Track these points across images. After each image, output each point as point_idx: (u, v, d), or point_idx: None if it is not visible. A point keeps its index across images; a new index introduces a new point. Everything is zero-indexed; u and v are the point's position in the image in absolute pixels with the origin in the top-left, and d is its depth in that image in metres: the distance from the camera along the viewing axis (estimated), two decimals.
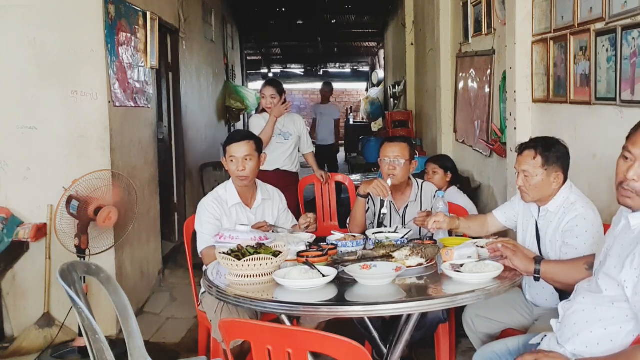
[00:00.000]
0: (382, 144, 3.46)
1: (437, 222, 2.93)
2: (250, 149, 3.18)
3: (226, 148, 3.21)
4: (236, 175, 3.18)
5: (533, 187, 2.66)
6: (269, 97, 4.78)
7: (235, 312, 2.81)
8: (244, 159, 3.15)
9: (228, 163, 3.21)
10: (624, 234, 1.97)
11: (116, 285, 2.43)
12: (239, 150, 3.17)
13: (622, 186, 1.86)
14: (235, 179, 3.22)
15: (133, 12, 4.56)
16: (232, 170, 3.20)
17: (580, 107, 3.40)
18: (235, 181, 3.23)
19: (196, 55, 7.45)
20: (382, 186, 3.25)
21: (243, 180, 3.18)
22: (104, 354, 2.12)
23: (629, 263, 1.85)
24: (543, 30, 3.84)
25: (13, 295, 4.01)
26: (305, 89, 21.71)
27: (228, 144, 3.21)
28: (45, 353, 3.76)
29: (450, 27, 6.64)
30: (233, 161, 3.17)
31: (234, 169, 3.17)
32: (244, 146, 3.18)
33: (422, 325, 2.99)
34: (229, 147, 3.20)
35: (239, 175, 3.17)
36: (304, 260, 2.54)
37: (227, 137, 3.33)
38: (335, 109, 9.02)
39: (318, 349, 1.76)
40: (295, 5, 12.55)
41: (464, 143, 6.07)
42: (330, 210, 5.11)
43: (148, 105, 4.92)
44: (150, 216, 4.93)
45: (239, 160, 3.15)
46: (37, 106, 3.94)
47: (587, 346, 2.00)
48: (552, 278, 2.44)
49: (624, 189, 1.85)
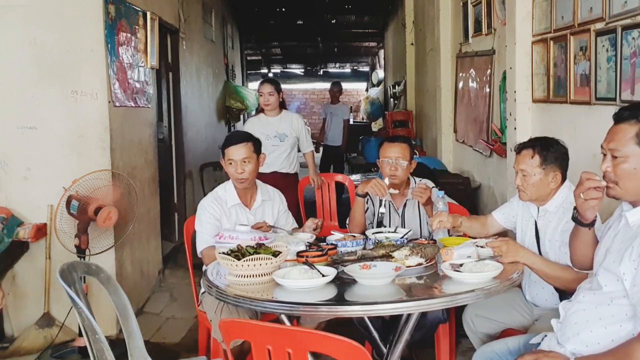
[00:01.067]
0: (382, 144, 3.45)
1: (442, 222, 2.92)
2: (248, 151, 3.16)
3: (224, 151, 3.19)
4: (235, 177, 3.17)
5: (531, 186, 2.67)
6: (266, 94, 4.76)
7: (235, 312, 2.81)
8: (242, 162, 3.13)
9: (227, 165, 3.19)
10: (623, 231, 2.00)
11: (116, 285, 2.43)
12: (237, 153, 3.14)
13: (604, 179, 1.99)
14: (234, 181, 3.21)
15: (133, 12, 4.56)
16: (231, 173, 3.18)
17: (580, 107, 3.40)
18: (235, 183, 3.22)
19: (196, 55, 7.45)
20: (380, 185, 3.25)
21: (242, 182, 3.17)
22: (104, 354, 2.12)
23: (628, 256, 1.89)
24: (543, 30, 3.84)
25: (13, 295, 4.01)
26: (305, 89, 21.71)
27: (226, 147, 3.18)
28: (45, 353, 3.76)
29: (450, 27, 6.64)
30: (232, 164, 3.15)
31: (233, 172, 3.15)
32: (241, 149, 3.15)
33: (422, 325, 2.99)
34: (227, 149, 3.17)
35: (238, 178, 3.16)
36: (303, 260, 2.54)
37: (225, 139, 3.29)
38: (345, 108, 8.96)
39: (318, 349, 1.76)
40: (295, 5, 12.55)
41: (464, 143, 6.07)
42: (330, 210, 5.11)
43: (148, 105, 4.92)
44: (150, 216, 4.93)
45: (238, 163, 3.13)
46: (37, 106, 3.94)
47: (588, 345, 2.00)
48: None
49: (606, 181, 1.98)
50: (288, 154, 4.86)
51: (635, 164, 1.91)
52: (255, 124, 4.82)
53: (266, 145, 4.51)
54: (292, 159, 4.92)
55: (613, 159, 1.95)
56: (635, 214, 1.95)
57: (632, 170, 1.92)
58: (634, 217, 1.95)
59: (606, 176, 1.98)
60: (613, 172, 1.95)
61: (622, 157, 1.93)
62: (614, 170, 1.95)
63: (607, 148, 1.98)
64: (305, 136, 5.02)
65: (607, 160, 1.98)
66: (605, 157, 1.99)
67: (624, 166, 1.93)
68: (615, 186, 1.96)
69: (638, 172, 1.91)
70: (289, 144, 4.85)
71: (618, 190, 1.96)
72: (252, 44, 16.05)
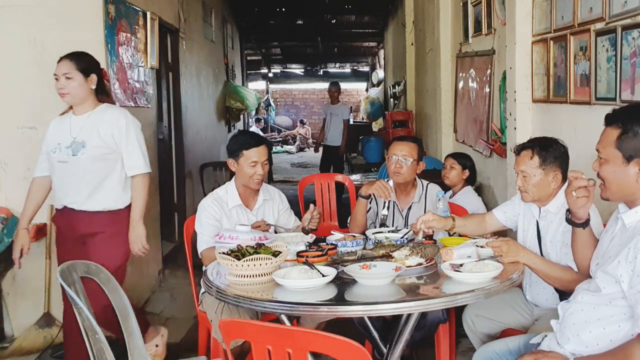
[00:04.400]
0: (392, 142, 3.47)
1: (425, 221, 2.80)
2: (267, 152, 3.16)
3: (243, 152, 3.10)
4: (254, 179, 3.11)
5: (532, 187, 2.67)
6: (62, 77, 3.14)
7: (236, 312, 2.81)
8: (263, 163, 3.12)
9: (244, 167, 3.10)
10: (620, 234, 2.02)
11: (116, 285, 2.43)
12: (259, 154, 3.10)
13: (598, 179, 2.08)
14: (249, 182, 3.13)
15: (133, 12, 4.57)
16: (248, 174, 3.10)
17: (580, 107, 3.40)
18: (249, 184, 3.15)
19: (196, 55, 7.45)
20: (384, 187, 3.24)
21: (259, 183, 3.15)
22: (104, 354, 2.13)
23: (624, 257, 1.90)
24: (543, 30, 3.84)
25: (13, 295, 4.01)
26: (305, 89, 21.74)
27: (247, 148, 3.09)
28: (45, 353, 3.77)
29: (450, 27, 6.65)
30: (254, 166, 3.09)
31: (252, 173, 3.09)
32: (263, 150, 3.13)
33: (422, 325, 2.99)
34: (247, 151, 3.09)
35: (257, 180, 3.12)
36: (303, 260, 2.54)
37: (242, 140, 3.15)
38: (344, 109, 8.97)
39: (318, 349, 1.76)
40: (295, 5, 12.55)
41: (464, 143, 6.07)
42: (330, 210, 5.10)
43: (148, 105, 4.92)
44: (150, 216, 4.92)
45: (260, 164, 3.10)
46: (37, 106, 3.94)
47: (587, 346, 2.01)
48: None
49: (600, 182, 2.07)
50: (82, 178, 3.14)
51: (614, 167, 1.99)
52: (50, 129, 3.29)
53: (53, 164, 3.19)
54: (92, 185, 3.15)
55: (599, 160, 2.05)
56: (630, 216, 1.99)
57: (612, 172, 2.00)
58: (629, 219, 1.99)
59: (598, 177, 2.07)
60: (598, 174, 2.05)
61: (604, 159, 2.02)
62: (599, 172, 2.05)
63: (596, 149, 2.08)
64: (133, 151, 3.22)
65: (596, 161, 2.08)
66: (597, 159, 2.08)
67: (605, 167, 2.02)
68: (604, 187, 2.05)
69: (617, 175, 1.99)
70: (88, 161, 3.12)
71: (606, 192, 2.05)
72: (252, 44, 16.06)
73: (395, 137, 3.66)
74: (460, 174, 4.29)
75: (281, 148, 18.48)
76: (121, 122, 3.17)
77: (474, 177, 4.49)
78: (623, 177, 1.98)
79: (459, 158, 4.38)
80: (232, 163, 3.18)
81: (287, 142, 19.45)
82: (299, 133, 19.72)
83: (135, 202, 3.25)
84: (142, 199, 3.26)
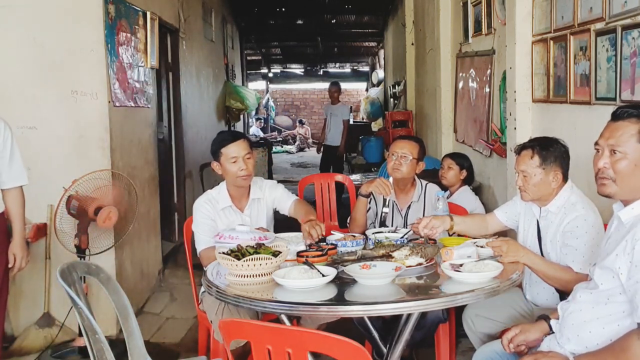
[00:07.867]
0: (394, 141, 3.48)
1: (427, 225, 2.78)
2: (247, 146, 3.12)
3: (221, 151, 3.08)
4: (239, 176, 3.08)
5: (532, 187, 2.67)
6: None
7: (236, 312, 2.81)
8: (245, 158, 3.08)
9: (227, 165, 3.08)
10: (616, 231, 2.02)
11: (116, 285, 2.43)
12: (239, 150, 3.07)
13: (598, 176, 2.01)
14: (236, 180, 3.11)
15: (133, 12, 4.57)
16: (232, 172, 3.08)
17: (580, 107, 3.40)
18: (236, 182, 3.13)
19: (196, 55, 7.45)
20: (384, 184, 3.24)
21: (246, 179, 3.10)
22: (104, 354, 2.13)
23: (622, 250, 1.90)
24: (543, 30, 3.84)
25: (13, 295, 3.99)
26: (305, 89, 21.73)
27: (224, 146, 3.08)
28: (45, 353, 3.76)
29: (450, 27, 6.65)
30: (236, 162, 3.06)
31: (236, 170, 3.07)
32: (242, 144, 3.09)
33: (422, 325, 2.99)
34: (225, 148, 3.07)
35: (242, 175, 3.08)
36: (303, 260, 2.54)
37: (219, 139, 3.14)
38: (344, 109, 8.96)
39: (318, 349, 1.76)
40: (295, 5, 12.56)
41: (464, 143, 6.07)
42: (330, 210, 5.11)
43: (148, 105, 4.92)
44: (150, 216, 4.93)
45: (241, 159, 3.07)
46: (37, 106, 3.94)
47: (587, 346, 2.01)
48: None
49: (600, 177, 2.00)
50: None
51: (635, 161, 1.93)
52: None
53: None
54: None
55: (612, 156, 1.97)
56: (627, 213, 1.97)
57: (632, 167, 1.93)
58: (626, 216, 1.97)
59: (603, 173, 1.99)
60: (612, 169, 1.96)
61: (622, 154, 1.94)
62: (612, 167, 1.96)
63: (604, 144, 1.99)
64: (14, 159, 3.06)
65: (604, 156, 1.99)
66: (600, 154, 2.01)
67: (623, 163, 1.94)
68: (611, 183, 1.97)
69: (638, 169, 1.93)
70: None
71: (614, 188, 1.97)
72: (252, 44, 16.07)
73: (398, 136, 3.68)
74: (458, 174, 4.29)
75: (281, 148, 18.47)
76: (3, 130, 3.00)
77: (472, 177, 4.50)
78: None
79: (456, 158, 4.39)
80: (216, 166, 3.15)
81: (287, 142, 19.46)
82: (299, 133, 19.73)
83: (18, 217, 3.04)
84: (23, 212, 3.06)
